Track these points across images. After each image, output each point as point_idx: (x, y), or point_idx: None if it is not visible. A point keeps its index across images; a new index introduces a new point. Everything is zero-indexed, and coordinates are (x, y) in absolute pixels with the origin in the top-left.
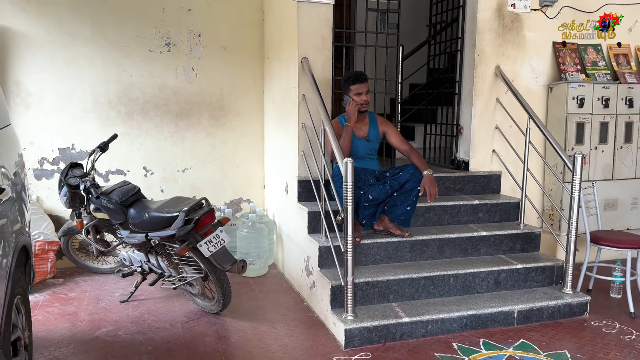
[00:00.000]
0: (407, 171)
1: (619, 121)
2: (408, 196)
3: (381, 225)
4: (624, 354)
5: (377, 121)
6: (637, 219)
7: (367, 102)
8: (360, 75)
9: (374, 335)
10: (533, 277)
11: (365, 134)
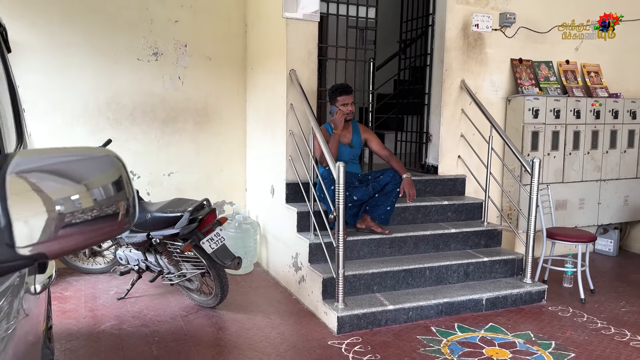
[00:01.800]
0: (387, 174)
1: (568, 130)
2: (388, 197)
3: (363, 224)
4: (578, 332)
5: (359, 129)
6: (584, 218)
7: (351, 112)
8: (347, 88)
9: (363, 322)
10: (497, 269)
11: (349, 141)
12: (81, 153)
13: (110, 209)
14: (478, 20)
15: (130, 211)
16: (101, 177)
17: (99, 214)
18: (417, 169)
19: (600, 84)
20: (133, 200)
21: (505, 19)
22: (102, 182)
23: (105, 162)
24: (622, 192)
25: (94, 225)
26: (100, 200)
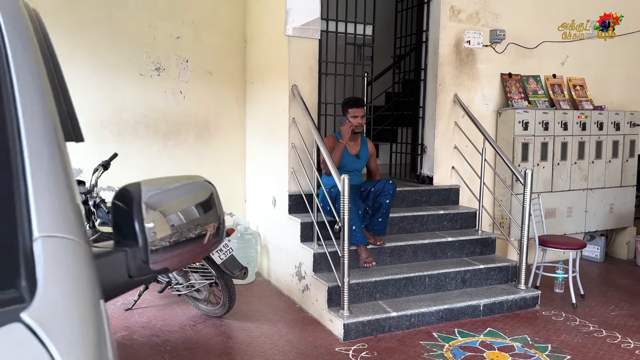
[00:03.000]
0: (379, 185)
1: (556, 142)
2: (379, 209)
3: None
4: (572, 336)
5: (367, 144)
6: (572, 226)
7: (361, 124)
8: (358, 101)
9: (367, 329)
10: (492, 276)
11: (357, 152)
12: (185, 181)
13: (208, 228)
14: (470, 37)
15: (221, 229)
16: (202, 201)
17: (201, 232)
18: (412, 180)
19: (585, 97)
20: (223, 220)
21: (496, 36)
22: (203, 205)
23: (203, 187)
24: (607, 201)
25: (198, 243)
26: (202, 221)
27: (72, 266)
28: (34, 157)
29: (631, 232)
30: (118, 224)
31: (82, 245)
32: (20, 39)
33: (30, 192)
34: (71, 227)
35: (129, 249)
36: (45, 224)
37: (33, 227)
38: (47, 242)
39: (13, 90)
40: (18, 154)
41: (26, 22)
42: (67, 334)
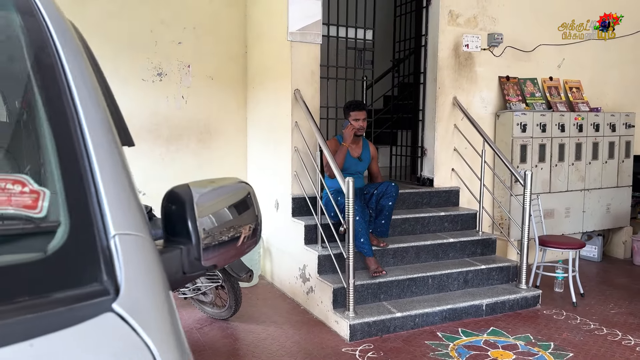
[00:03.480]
0: (381, 187)
1: (554, 143)
2: (382, 211)
3: None
4: (573, 334)
5: (369, 147)
6: (570, 226)
7: (363, 127)
8: (360, 104)
9: (373, 329)
10: (494, 276)
11: (359, 155)
12: (226, 182)
13: (249, 226)
14: (468, 41)
15: (259, 227)
16: (242, 201)
17: (243, 230)
18: (413, 182)
19: (581, 99)
20: (260, 220)
21: (493, 39)
22: (243, 205)
23: (242, 188)
24: (604, 201)
25: (241, 240)
26: (244, 219)
27: (145, 261)
28: (101, 162)
29: (628, 231)
30: (169, 224)
31: (150, 241)
32: (73, 53)
33: (102, 194)
34: (140, 225)
35: (183, 246)
36: (118, 222)
37: (109, 226)
38: (123, 239)
39: (74, 101)
40: (86, 159)
41: (74, 35)
42: (153, 320)
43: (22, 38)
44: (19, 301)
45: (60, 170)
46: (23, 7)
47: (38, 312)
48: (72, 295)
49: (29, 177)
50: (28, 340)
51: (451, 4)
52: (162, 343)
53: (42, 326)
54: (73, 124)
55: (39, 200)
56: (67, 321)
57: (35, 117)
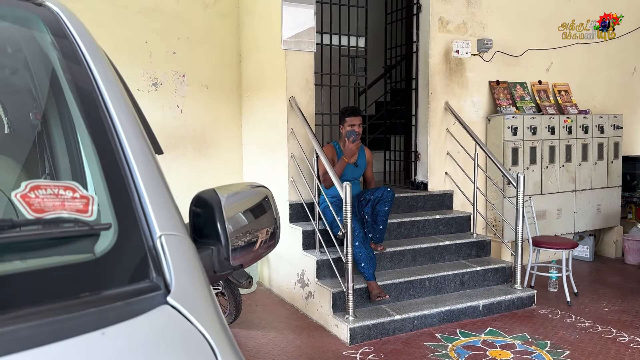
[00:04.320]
0: (377, 193)
1: (544, 146)
2: (378, 217)
3: None
4: (569, 332)
5: (365, 152)
6: (562, 226)
7: (358, 133)
8: (355, 110)
9: (373, 332)
10: (489, 277)
11: (355, 161)
12: (248, 187)
13: (269, 228)
14: (458, 47)
15: (278, 231)
16: (263, 204)
17: (266, 232)
18: (407, 186)
19: (570, 101)
20: (279, 222)
21: (483, 45)
22: (264, 207)
23: (262, 193)
24: (595, 201)
25: (264, 241)
26: (265, 221)
27: (189, 259)
28: (141, 169)
29: (618, 231)
30: (198, 226)
31: (190, 241)
32: (104, 70)
33: (145, 198)
34: (180, 226)
35: (214, 247)
36: (162, 223)
37: (154, 227)
38: (168, 239)
39: (110, 114)
40: (127, 167)
41: (102, 51)
42: (203, 311)
43: (55, 55)
44: (84, 296)
45: (105, 178)
46: (54, 27)
47: (101, 305)
48: (129, 290)
49: (78, 184)
50: (100, 330)
51: (441, 11)
52: (214, 331)
53: (108, 318)
54: (112, 135)
55: (89, 205)
56: (129, 313)
57: (76, 129)
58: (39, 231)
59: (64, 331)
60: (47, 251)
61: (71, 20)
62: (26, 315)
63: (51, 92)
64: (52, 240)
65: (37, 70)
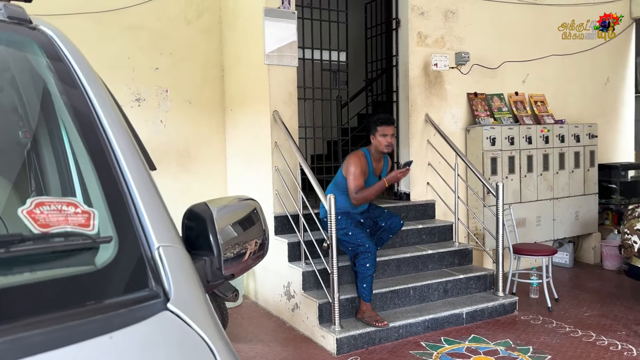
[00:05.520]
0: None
1: (522, 155)
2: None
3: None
4: (550, 337)
5: (388, 162)
6: (542, 234)
7: (391, 144)
8: (389, 119)
9: (359, 342)
10: (472, 285)
11: (380, 172)
12: (237, 200)
13: (258, 239)
14: (437, 60)
15: (266, 242)
16: (252, 216)
17: (255, 243)
18: (390, 197)
19: (546, 112)
20: (268, 233)
21: (461, 58)
22: (252, 220)
23: (251, 205)
24: (572, 209)
25: (254, 252)
26: (254, 233)
27: (186, 269)
28: (137, 185)
29: (596, 237)
30: (191, 238)
31: (186, 252)
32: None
33: (142, 212)
34: (175, 238)
35: (207, 258)
36: (160, 236)
37: (152, 239)
38: (166, 250)
39: (106, 132)
40: (124, 183)
41: (96, 74)
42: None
43: (52, 78)
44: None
45: (104, 193)
46: (48, 50)
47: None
48: (131, 298)
49: (79, 200)
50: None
51: (419, 25)
52: (212, 335)
53: (114, 323)
54: (109, 153)
55: (91, 219)
56: (132, 319)
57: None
58: (46, 245)
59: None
60: (54, 263)
61: (65, 43)
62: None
63: (48, 113)
64: (58, 253)
65: (32, 93)
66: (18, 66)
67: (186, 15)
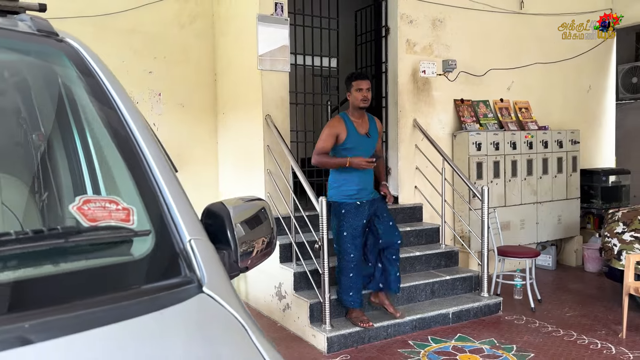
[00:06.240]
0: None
1: (507, 160)
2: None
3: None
4: (533, 336)
5: (375, 121)
6: (525, 237)
7: (367, 98)
8: (362, 73)
9: (349, 341)
10: (458, 286)
11: (367, 131)
12: (248, 199)
13: (267, 235)
14: (425, 67)
15: (274, 237)
16: (260, 215)
17: (264, 239)
18: None
19: (530, 118)
20: (276, 230)
21: (448, 65)
22: (261, 218)
23: (260, 205)
24: (555, 213)
25: (264, 247)
26: (264, 229)
27: (214, 259)
28: (168, 185)
29: (578, 240)
30: (209, 233)
31: (211, 244)
32: (126, 99)
33: (174, 209)
34: (202, 232)
35: (225, 251)
36: (190, 230)
37: (184, 233)
38: (196, 243)
39: (135, 136)
40: (155, 183)
41: (119, 83)
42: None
43: (82, 87)
44: (135, 288)
45: (139, 193)
46: (77, 61)
47: (152, 294)
48: (170, 283)
49: (119, 198)
50: (158, 311)
51: (408, 33)
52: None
53: (159, 303)
54: (139, 156)
55: (130, 215)
56: (175, 300)
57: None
58: (98, 236)
59: (131, 312)
60: (101, 253)
61: (89, 54)
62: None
63: (80, 120)
64: (105, 244)
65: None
66: (49, 77)
67: (180, 20)
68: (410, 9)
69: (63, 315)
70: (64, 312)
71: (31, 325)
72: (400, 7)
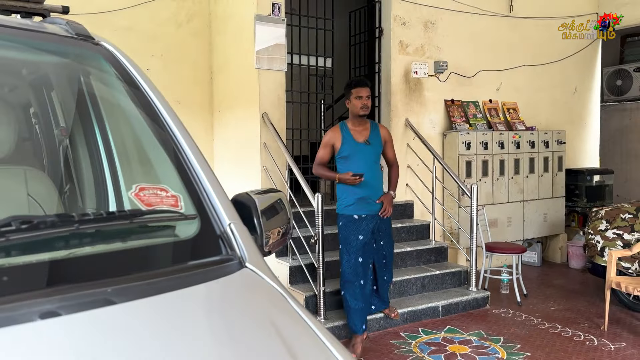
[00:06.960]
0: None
1: (495, 159)
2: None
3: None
4: (520, 329)
5: (378, 128)
6: (512, 234)
7: (366, 105)
8: (362, 81)
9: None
10: (447, 280)
11: (366, 138)
12: (266, 190)
13: (285, 224)
14: (417, 68)
15: (291, 225)
16: (277, 205)
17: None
18: None
19: (518, 119)
20: (292, 219)
21: (439, 67)
22: (278, 208)
23: (277, 196)
24: (541, 211)
25: (282, 234)
26: (282, 218)
27: (249, 240)
28: (206, 175)
29: (563, 238)
30: None
31: (245, 228)
32: (160, 97)
33: (213, 197)
34: (238, 217)
35: (252, 236)
36: (229, 215)
37: (224, 218)
38: (235, 226)
39: (174, 132)
40: (195, 174)
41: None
42: (269, 274)
43: (122, 87)
44: (190, 263)
45: (183, 183)
46: (114, 63)
47: (204, 268)
48: (217, 259)
49: (168, 186)
50: (213, 280)
51: (401, 34)
52: (280, 287)
53: (211, 276)
54: (179, 150)
55: (179, 201)
56: (224, 273)
57: (151, 147)
58: (157, 217)
59: (188, 282)
60: (157, 233)
61: (123, 56)
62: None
63: (126, 118)
64: (160, 226)
65: (107, 101)
66: (89, 79)
67: (177, 18)
68: (404, 11)
69: (135, 283)
70: (135, 280)
71: (113, 290)
72: (393, 9)
